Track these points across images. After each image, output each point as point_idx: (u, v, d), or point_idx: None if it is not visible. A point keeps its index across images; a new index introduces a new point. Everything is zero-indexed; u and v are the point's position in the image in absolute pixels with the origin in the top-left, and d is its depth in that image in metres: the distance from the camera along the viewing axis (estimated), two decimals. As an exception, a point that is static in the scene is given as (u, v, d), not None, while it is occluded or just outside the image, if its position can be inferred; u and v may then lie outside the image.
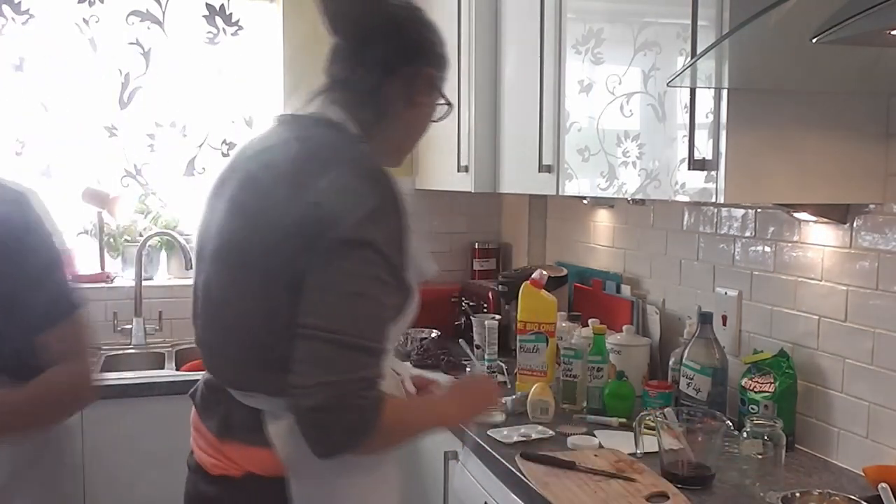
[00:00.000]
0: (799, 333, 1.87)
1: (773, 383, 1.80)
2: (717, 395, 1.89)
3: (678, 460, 1.62)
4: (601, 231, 2.70)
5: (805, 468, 1.73)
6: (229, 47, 3.08)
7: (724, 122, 1.53)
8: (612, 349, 2.20)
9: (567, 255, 2.92)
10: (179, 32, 3.02)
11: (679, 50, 1.64)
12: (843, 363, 1.75)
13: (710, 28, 1.54)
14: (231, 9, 3.07)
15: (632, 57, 1.80)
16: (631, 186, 1.84)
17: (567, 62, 2.11)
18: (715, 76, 1.50)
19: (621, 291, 2.50)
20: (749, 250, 2.01)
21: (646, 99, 1.77)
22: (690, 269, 2.24)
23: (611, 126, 1.92)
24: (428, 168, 3.12)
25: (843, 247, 1.75)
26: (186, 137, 3.05)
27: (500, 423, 1.98)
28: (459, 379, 1.79)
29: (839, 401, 1.76)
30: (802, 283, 1.85)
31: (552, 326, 2.23)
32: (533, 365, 2.22)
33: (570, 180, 2.12)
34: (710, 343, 1.91)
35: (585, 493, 1.55)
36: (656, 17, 1.75)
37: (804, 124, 1.58)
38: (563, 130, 2.13)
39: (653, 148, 1.76)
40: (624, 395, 2.05)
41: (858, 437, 1.71)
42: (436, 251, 3.34)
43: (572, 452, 1.77)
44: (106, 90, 2.98)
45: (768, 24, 1.09)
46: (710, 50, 1.29)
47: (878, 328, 1.66)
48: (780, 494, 1.44)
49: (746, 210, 2.01)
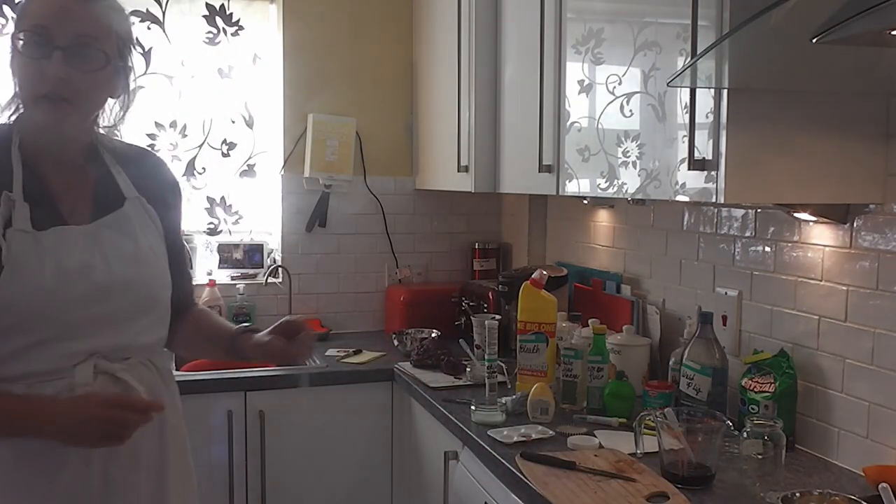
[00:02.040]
0: (799, 333, 1.87)
1: (774, 383, 1.80)
2: (718, 395, 1.89)
3: (678, 460, 1.62)
4: (601, 231, 2.70)
5: (805, 468, 1.73)
6: (229, 47, 3.08)
7: (724, 122, 1.53)
8: (613, 349, 2.20)
9: (567, 255, 2.92)
10: (179, 32, 3.02)
11: (679, 50, 1.64)
12: (843, 363, 1.75)
13: (710, 28, 1.54)
14: (231, 9, 3.06)
15: (632, 57, 1.80)
16: (631, 186, 1.84)
17: (567, 62, 2.11)
18: (715, 76, 1.50)
19: (621, 291, 2.50)
20: (749, 250, 2.01)
21: (646, 99, 1.77)
22: (690, 269, 2.24)
23: (611, 126, 1.92)
24: (428, 168, 3.12)
25: (843, 247, 1.75)
26: (186, 137, 3.05)
27: (500, 423, 1.99)
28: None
29: (839, 401, 1.76)
30: (802, 283, 1.85)
31: (552, 326, 2.23)
32: (533, 365, 2.22)
33: (571, 180, 2.12)
34: (711, 343, 1.91)
35: (585, 493, 1.55)
36: (656, 17, 1.75)
37: (804, 124, 1.58)
38: (563, 130, 2.13)
39: (653, 148, 1.76)
40: (624, 395, 2.05)
41: (858, 437, 1.71)
42: (436, 251, 3.34)
43: (572, 452, 1.77)
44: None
45: (768, 24, 1.09)
46: (710, 50, 1.29)
47: (878, 328, 1.66)
48: (780, 494, 1.44)
49: (746, 210, 2.01)
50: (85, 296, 1.34)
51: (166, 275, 1.50)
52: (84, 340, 1.35)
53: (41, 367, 1.32)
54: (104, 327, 1.37)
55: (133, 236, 1.43)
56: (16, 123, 1.39)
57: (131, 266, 1.41)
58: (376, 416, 2.63)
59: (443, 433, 2.15)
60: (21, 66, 1.34)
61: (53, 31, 1.30)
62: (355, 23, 3.17)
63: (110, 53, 1.37)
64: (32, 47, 1.31)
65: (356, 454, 2.61)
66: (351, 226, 3.21)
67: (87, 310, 1.35)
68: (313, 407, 2.55)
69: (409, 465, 2.55)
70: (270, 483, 2.52)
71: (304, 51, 3.11)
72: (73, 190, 1.40)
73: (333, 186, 3.15)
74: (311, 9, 3.11)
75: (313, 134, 3.09)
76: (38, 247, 1.32)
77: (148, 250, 1.45)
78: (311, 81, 3.13)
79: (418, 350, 2.61)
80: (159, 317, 1.48)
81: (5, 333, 1.30)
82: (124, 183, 1.47)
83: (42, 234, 1.32)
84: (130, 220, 1.44)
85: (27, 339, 1.30)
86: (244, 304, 3.02)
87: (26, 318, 1.30)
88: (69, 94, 1.32)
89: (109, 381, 1.37)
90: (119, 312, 1.39)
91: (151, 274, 1.46)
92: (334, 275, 3.20)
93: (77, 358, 1.34)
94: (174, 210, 1.58)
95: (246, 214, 3.16)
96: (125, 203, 1.45)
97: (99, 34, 1.34)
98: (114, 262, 1.39)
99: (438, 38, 2.94)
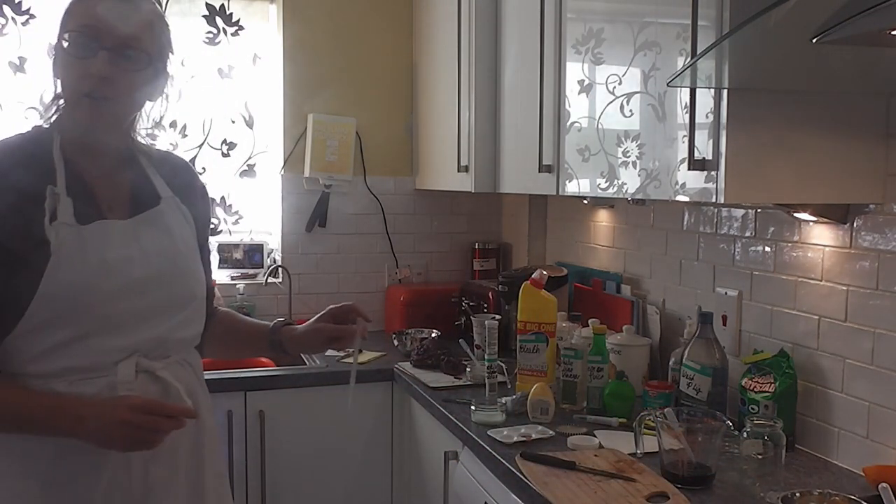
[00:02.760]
0: (799, 333, 1.87)
1: (774, 383, 1.80)
2: (718, 395, 1.89)
3: (678, 460, 1.62)
4: (601, 231, 2.70)
5: (805, 468, 1.73)
6: (229, 47, 3.08)
7: (724, 122, 1.53)
8: (613, 349, 2.20)
9: (567, 255, 2.92)
10: (179, 32, 3.01)
11: (679, 50, 1.64)
12: (843, 363, 1.75)
13: (710, 28, 1.54)
14: (231, 9, 3.06)
15: (632, 57, 1.80)
16: (631, 186, 1.84)
17: (567, 62, 2.11)
18: (715, 76, 1.50)
19: (621, 291, 2.50)
20: (749, 250, 2.01)
21: (646, 99, 1.77)
22: (690, 269, 2.24)
23: (611, 126, 1.92)
24: (428, 168, 3.13)
25: (843, 247, 1.75)
26: (186, 137, 3.05)
27: (500, 423, 1.99)
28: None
29: (839, 401, 1.76)
30: (802, 283, 1.85)
31: (552, 326, 2.23)
32: (533, 365, 2.22)
33: (571, 180, 2.12)
34: (711, 343, 1.91)
35: (585, 493, 1.55)
36: (656, 17, 1.75)
37: (804, 124, 1.58)
38: (563, 130, 2.13)
39: (653, 148, 1.76)
40: (624, 395, 2.05)
41: (858, 437, 1.71)
42: (436, 251, 3.34)
43: (572, 452, 1.77)
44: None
45: (768, 24, 1.09)
46: (710, 50, 1.29)
47: (878, 328, 1.66)
48: (780, 494, 1.44)
49: (746, 210, 2.01)
50: (125, 289, 1.37)
51: (201, 271, 1.54)
52: (124, 335, 1.37)
53: (81, 362, 1.34)
54: (142, 321, 1.39)
55: (169, 232, 1.47)
56: (56, 124, 1.43)
57: (168, 261, 1.44)
58: (376, 416, 2.63)
59: (443, 433, 2.16)
60: (65, 65, 1.37)
61: (100, 31, 1.34)
62: (355, 23, 3.17)
63: (152, 55, 1.41)
64: (79, 47, 1.35)
65: (356, 454, 2.61)
66: (351, 226, 3.21)
67: (127, 303, 1.37)
68: (313, 407, 2.55)
69: (409, 465, 2.55)
70: (270, 483, 2.52)
71: (304, 51, 3.11)
72: (110, 188, 1.44)
73: (333, 186, 3.15)
74: (311, 9, 3.12)
75: (313, 134, 3.09)
76: (82, 240, 1.35)
77: (183, 246, 1.49)
78: (311, 81, 3.13)
79: (418, 350, 2.61)
80: (195, 312, 1.51)
81: (47, 326, 1.32)
82: (159, 183, 1.51)
83: (85, 228, 1.36)
84: (166, 217, 1.48)
85: (68, 333, 1.33)
86: (244, 303, 3.02)
87: (68, 311, 1.32)
88: (111, 93, 1.36)
89: (149, 379, 1.39)
90: (157, 306, 1.42)
91: (187, 269, 1.49)
92: (334, 275, 3.20)
93: (118, 355, 1.36)
94: (204, 213, 1.63)
95: (246, 214, 3.16)
96: (160, 202, 1.49)
97: (143, 36, 1.38)
98: (152, 256, 1.42)
99: (438, 39, 2.94)
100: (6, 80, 2.83)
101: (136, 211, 1.45)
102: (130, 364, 1.37)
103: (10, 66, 2.84)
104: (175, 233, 1.48)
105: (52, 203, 1.34)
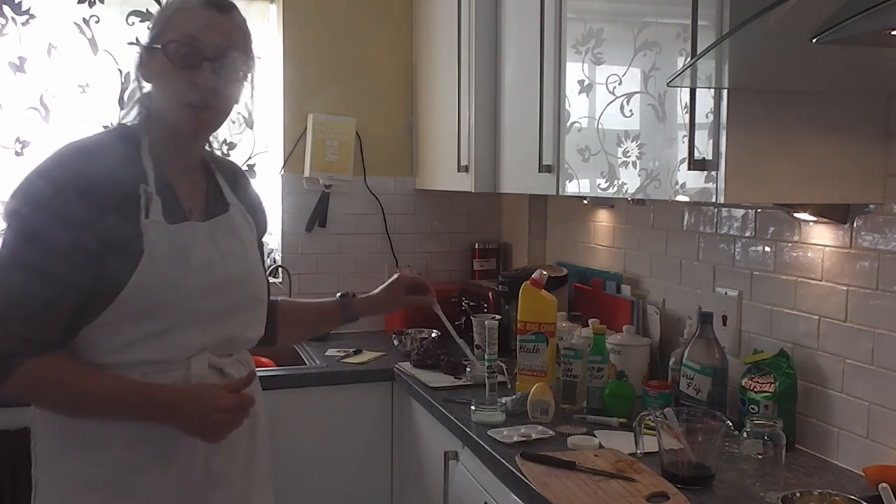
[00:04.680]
0: (799, 333, 1.87)
1: (773, 383, 1.80)
2: (717, 395, 1.89)
3: (678, 460, 1.62)
4: (601, 231, 2.70)
5: (805, 468, 1.73)
6: (229, 47, 3.08)
7: (724, 122, 1.53)
8: (613, 349, 2.20)
9: (567, 255, 2.92)
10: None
11: (679, 50, 1.64)
12: (843, 363, 1.75)
13: (710, 28, 1.54)
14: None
15: (632, 57, 1.80)
16: (631, 186, 1.84)
17: (567, 62, 2.11)
18: (715, 76, 1.50)
19: (621, 291, 2.50)
20: (749, 250, 2.01)
21: (646, 99, 1.77)
22: (690, 269, 2.24)
23: (611, 126, 1.92)
24: (428, 168, 3.13)
25: (843, 247, 1.75)
26: (186, 137, 3.05)
27: (500, 423, 1.99)
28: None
29: (839, 401, 1.76)
30: (802, 283, 1.85)
31: (552, 326, 2.23)
32: (533, 365, 2.22)
33: (571, 180, 2.12)
34: (711, 343, 1.91)
35: (585, 493, 1.55)
36: (656, 17, 1.75)
37: (804, 124, 1.58)
38: (563, 130, 2.13)
39: (653, 148, 1.76)
40: (624, 395, 2.05)
41: (858, 437, 1.71)
42: (436, 251, 3.34)
43: (572, 452, 1.77)
44: (106, 90, 2.97)
45: (768, 24, 1.09)
46: (710, 50, 1.29)
47: (878, 328, 1.66)
48: (780, 494, 1.44)
49: (746, 210, 2.01)
50: (206, 289, 1.43)
51: (264, 275, 1.63)
52: (199, 332, 1.43)
53: (158, 356, 1.39)
54: (217, 321, 1.46)
55: (240, 237, 1.54)
56: (142, 126, 1.47)
57: (241, 263, 1.52)
58: (376, 415, 2.62)
59: (443, 433, 2.16)
60: (165, 73, 1.41)
61: (202, 42, 1.39)
62: (355, 23, 3.17)
63: (248, 65, 1.47)
64: (181, 57, 1.39)
65: (356, 454, 2.61)
66: (351, 226, 3.21)
67: (206, 302, 1.43)
68: (313, 407, 2.55)
69: (409, 465, 2.55)
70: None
71: (304, 51, 3.11)
72: (190, 192, 1.50)
73: (333, 186, 3.15)
74: (311, 9, 3.12)
75: (313, 134, 3.09)
76: (171, 239, 1.40)
77: (251, 251, 1.57)
78: (311, 81, 3.13)
79: (418, 350, 2.61)
80: (261, 313, 1.58)
81: (130, 319, 1.36)
82: (227, 191, 1.58)
83: (174, 228, 1.41)
84: (235, 222, 1.55)
85: (149, 328, 1.38)
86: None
87: (154, 306, 1.37)
88: (214, 103, 1.42)
89: (216, 375, 1.46)
90: (229, 307, 1.48)
91: (257, 272, 1.58)
92: (334, 275, 3.20)
93: (191, 350, 1.42)
94: (262, 223, 1.71)
95: (246, 214, 3.16)
96: (229, 208, 1.55)
97: (239, 46, 1.44)
98: (229, 258, 1.49)
99: (438, 39, 2.94)
100: (6, 80, 2.83)
101: (210, 215, 1.51)
102: (203, 359, 1.43)
103: (10, 66, 2.84)
104: (244, 238, 1.55)
105: (146, 201, 1.39)
